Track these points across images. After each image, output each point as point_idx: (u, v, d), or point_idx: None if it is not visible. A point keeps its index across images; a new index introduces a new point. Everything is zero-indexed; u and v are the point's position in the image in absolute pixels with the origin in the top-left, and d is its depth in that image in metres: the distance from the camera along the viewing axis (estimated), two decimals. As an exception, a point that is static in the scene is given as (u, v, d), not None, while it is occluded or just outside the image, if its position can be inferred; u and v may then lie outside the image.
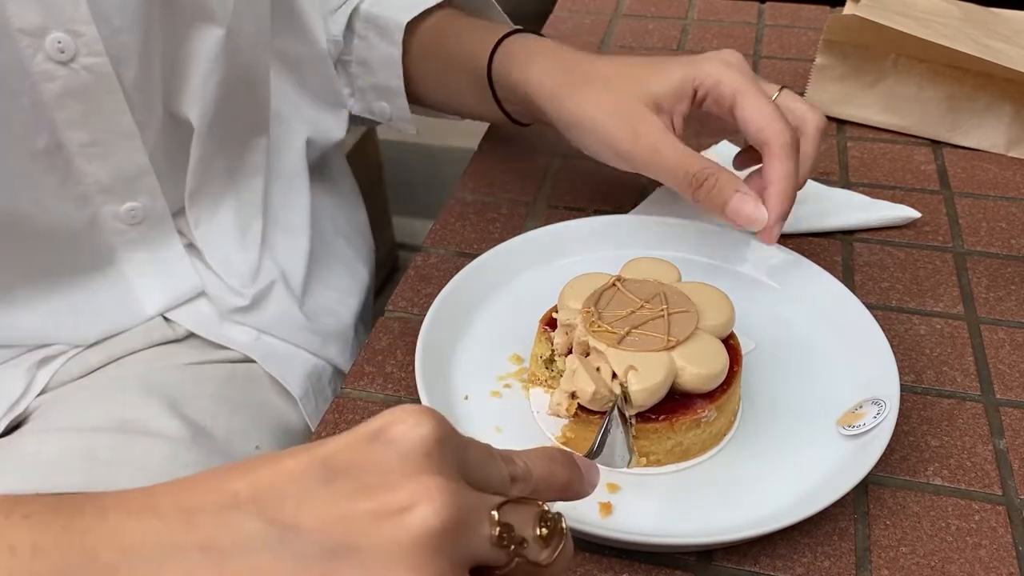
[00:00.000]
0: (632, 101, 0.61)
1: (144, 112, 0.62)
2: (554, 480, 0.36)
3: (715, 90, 0.60)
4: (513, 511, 0.32)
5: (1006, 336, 0.62)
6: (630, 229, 0.66)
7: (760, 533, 0.46)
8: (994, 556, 0.48)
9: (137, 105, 0.61)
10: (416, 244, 0.73)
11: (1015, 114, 0.78)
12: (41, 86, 0.56)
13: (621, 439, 0.49)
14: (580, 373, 0.49)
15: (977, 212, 0.73)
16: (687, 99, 0.61)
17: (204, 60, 0.63)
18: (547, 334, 0.55)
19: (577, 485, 0.37)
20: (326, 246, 0.82)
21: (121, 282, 0.68)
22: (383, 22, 0.76)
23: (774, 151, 0.57)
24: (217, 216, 0.71)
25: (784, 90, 0.62)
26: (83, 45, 0.56)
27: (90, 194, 0.63)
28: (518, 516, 0.32)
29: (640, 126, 0.61)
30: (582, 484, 0.37)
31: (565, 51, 0.68)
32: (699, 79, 0.60)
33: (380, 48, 0.77)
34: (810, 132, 0.61)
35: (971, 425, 0.55)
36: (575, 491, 0.37)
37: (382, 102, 0.81)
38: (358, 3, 0.77)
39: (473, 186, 0.77)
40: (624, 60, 0.65)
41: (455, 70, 0.75)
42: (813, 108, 0.62)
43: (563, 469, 0.36)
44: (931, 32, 0.75)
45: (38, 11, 0.54)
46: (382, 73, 0.78)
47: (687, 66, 0.61)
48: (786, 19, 1.02)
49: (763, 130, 0.58)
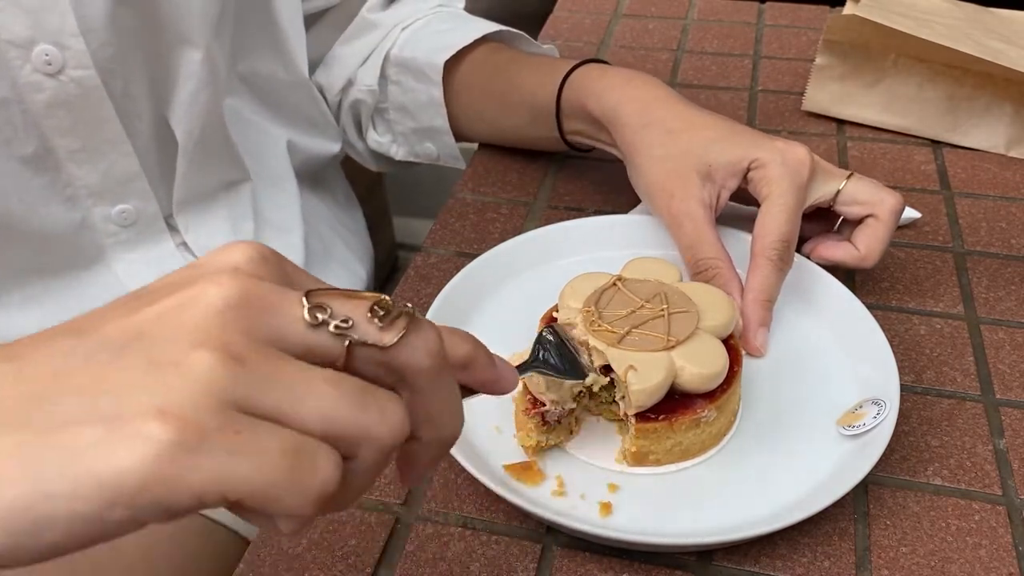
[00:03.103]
0: (684, 163, 0.60)
1: (134, 121, 0.63)
2: (455, 349, 0.33)
3: (757, 176, 0.59)
4: (333, 297, 0.30)
5: (1006, 336, 0.62)
6: (630, 229, 0.66)
7: (760, 533, 0.46)
8: (994, 556, 0.48)
9: (126, 114, 0.62)
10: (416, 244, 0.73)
11: (1015, 114, 0.78)
12: (30, 96, 0.57)
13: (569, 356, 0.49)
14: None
15: (977, 212, 0.73)
16: (739, 176, 0.60)
17: (188, 80, 0.63)
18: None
19: (482, 367, 0.34)
20: (324, 247, 0.83)
21: (113, 282, 0.68)
22: (417, 65, 0.76)
23: (758, 261, 0.57)
24: (207, 221, 0.72)
25: (853, 177, 0.61)
26: (71, 58, 0.57)
27: (80, 196, 0.63)
28: (340, 302, 0.30)
29: (679, 190, 0.60)
30: (490, 369, 0.35)
31: (645, 85, 0.66)
32: (755, 163, 0.59)
33: (418, 91, 0.77)
34: (883, 215, 0.60)
35: (971, 425, 0.55)
36: (480, 371, 0.34)
37: (427, 143, 0.81)
38: (388, 50, 0.77)
39: (473, 186, 0.77)
40: (695, 117, 0.63)
41: (512, 103, 0.75)
42: (890, 192, 0.60)
43: (463, 341, 0.34)
44: (931, 32, 0.75)
45: (26, 23, 0.55)
46: (423, 115, 0.78)
47: (749, 146, 0.60)
48: (786, 19, 1.02)
49: (760, 238, 0.58)
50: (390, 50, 0.77)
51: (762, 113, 0.86)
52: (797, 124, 0.84)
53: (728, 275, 0.58)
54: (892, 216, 0.60)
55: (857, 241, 0.61)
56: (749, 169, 0.60)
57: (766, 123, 0.85)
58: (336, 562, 0.49)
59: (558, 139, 0.73)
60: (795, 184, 0.58)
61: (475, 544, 0.49)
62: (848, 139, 0.83)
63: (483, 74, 0.76)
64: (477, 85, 0.76)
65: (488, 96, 0.76)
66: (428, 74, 0.75)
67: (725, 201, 0.61)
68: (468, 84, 0.76)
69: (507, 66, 0.75)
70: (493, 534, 0.50)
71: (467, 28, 0.77)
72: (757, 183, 0.59)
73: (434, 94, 0.76)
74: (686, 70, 0.94)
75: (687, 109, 0.63)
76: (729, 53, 0.96)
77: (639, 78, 0.66)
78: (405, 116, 0.80)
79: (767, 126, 0.84)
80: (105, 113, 0.60)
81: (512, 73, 0.75)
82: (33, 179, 0.60)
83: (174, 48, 0.62)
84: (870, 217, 0.60)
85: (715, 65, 0.94)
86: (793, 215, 0.58)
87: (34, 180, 0.60)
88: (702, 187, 0.60)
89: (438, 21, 0.79)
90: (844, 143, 0.82)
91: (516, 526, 0.50)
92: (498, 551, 0.49)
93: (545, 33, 1.01)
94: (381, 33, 0.78)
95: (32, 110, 0.58)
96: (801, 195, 0.59)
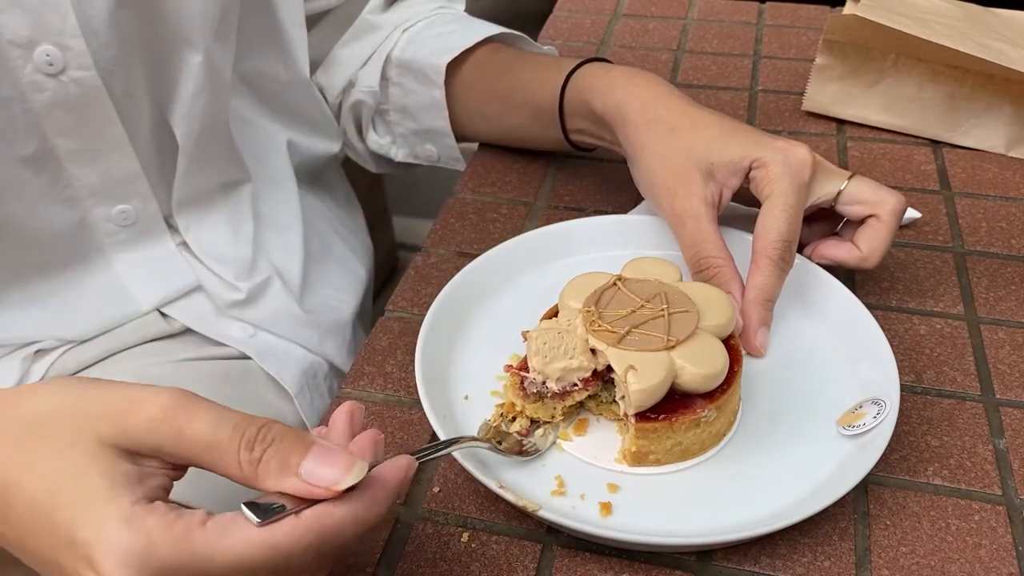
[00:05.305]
0: (686, 161, 0.60)
1: (134, 122, 0.63)
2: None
3: (759, 176, 0.59)
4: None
5: (1006, 336, 0.62)
6: (630, 229, 0.66)
7: (760, 533, 0.46)
8: (994, 556, 0.48)
9: (127, 115, 0.62)
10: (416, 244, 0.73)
11: (1015, 114, 0.78)
12: (31, 96, 0.57)
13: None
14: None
15: (977, 212, 0.73)
16: (741, 175, 0.60)
17: (189, 81, 0.64)
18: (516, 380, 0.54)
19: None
20: (323, 247, 0.83)
21: (113, 280, 0.68)
22: (419, 66, 0.76)
23: (759, 260, 0.57)
24: (207, 221, 0.72)
25: (855, 177, 0.61)
26: (72, 58, 0.57)
27: (80, 197, 0.63)
28: None
29: (681, 188, 0.60)
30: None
31: (649, 83, 0.66)
32: (756, 162, 0.59)
33: (420, 93, 0.77)
34: (885, 216, 0.60)
35: (971, 425, 0.55)
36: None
37: (428, 145, 0.81)
38: (389, 51, 0.77)
39: (473, 186, 0.77)
40: (698, 115, 0.63)
41: (514, 102, 0.75)
42: (892, 192, 0.60)
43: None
44: (931, 32, 0.75)
45: (27, 23, 0.55)
46: (424, 117, 0.78)
47: (751, 145, 0.60)
48: (786, 19, 1.02)
49: (761, 237, 0.58)
50: (391, 52, 0.77)
51: (762, 113, 0.86)
52: (797, 124, 0.84)
53: (730, 274, 0.58)
54: (894, 216, 0.60)
55: (859, 241, 0.61)
56: (751, 168, 0.60)
57: (766, 123, 0.85)
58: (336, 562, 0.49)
59: (560, 138, 0.73)
60: (796, 184, 0.58)
61: (475, 544, 0.49)
62: (848, 139, 0.83)
63: (485, 74, 0.76)
64: (479, 85, 0.76)
65: (490, 96, 0.76)
66: (430, 76, 0.75)
67: (728, 200, 0.61)
68: (470, 85, 0.76)
69: (509, 66, 0.75)
70: (493, 534, 0.50)
71: (469, 30, 0.77)
72: (759, 182, 0.59)
73: (436, 96, 0.76)
74: (686, 70, 0.94)
75: (690, 107, 0.63)
76: (729, 53, 0.96)
77: (643, 76, 0.66)
78: (406, 118, 0.80)
79: (767, 126, 0.84)
80: (106, 114, 0.60)
81: (514, 72, 0.75)
82: (33, 179, 0.60)
83: (174, 50, 0.62)
84: (872, 217, 0.60)
85: (715, 65, 0.94)
86: (794, 214, 0.58)
87: (34, 180, 0.60)
88: (704, 185, 0.60)
89: (439, 23, 0.79)
90: (844, 143, 0.82)
91: (516, 526, 0.50)
92: (498, 551, 0.49)
93: (545, 33, 1.01)
94: (382, 35, 0.78)
95: (33, 110, 0.58)
96: (802, 195, 0.59)
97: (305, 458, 0.36)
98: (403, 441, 0.56)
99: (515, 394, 0.52)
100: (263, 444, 0.36)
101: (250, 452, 0.36)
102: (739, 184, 0.61)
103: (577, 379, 0.51)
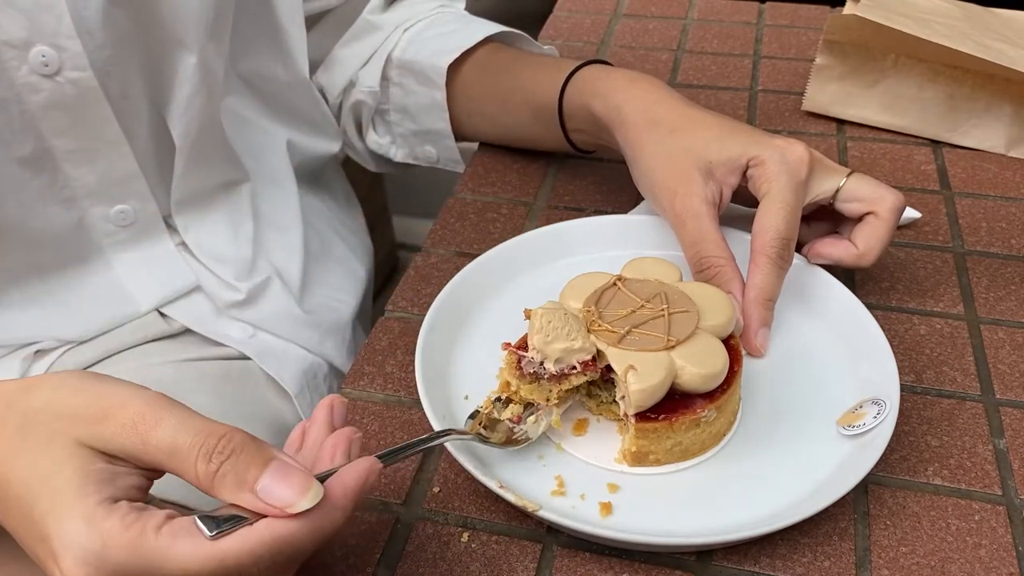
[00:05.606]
0: (686, 161, 0.60)
1: (131, 122, 0.63)
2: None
3: (756, 174, 0.59)
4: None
5: (1006, 336, 0.62)
6: (630, 229, 0.66)
7: (760, 533, 0.46)
8: (994, 556, 0.48)
9: (124, 116, 0.62)
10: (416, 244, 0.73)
11: (1015, 114, 0.78)
12: (27, 97, 0.57)
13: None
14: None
15: (977, 212, 0.73)
16: (739, 173, 0.60)
17: (184, 83, 0.64)
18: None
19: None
20: (323, 247, 0.83)
21: (112, 280, 0.68)
22: (420, 67, 0.76)
23: (758, 259, 0.57)
24: (207, 221, 0.72)
25: (854, 174, 0.61)
26: (68, 59, 0.57)
27: (78, 197, 0.63)
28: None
29: (681, 188, 0.60)
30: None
31: (649, 86, 0.66)
32: (753, 160, 0.59)
33: (420, 93, 0.77)
34: (883, 213, 0.60)
35: (971, 425, 0.55)
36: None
37: (427, 146, 0.81)
38: (390, 51, 0.77)
39: (473, 186, 0.77)
40: (697, 116, 0.63)
41: (514, 102, 0.75)
42: (891, 190, 0.60)
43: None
44: (931, 32, 0.75)
45: (22, 24, 0.55)
46: (424, 118, 0.78)
47: (749, 143, 0.60)
48: (786, 19, 1.02)
49: (759, 235, 0.58)
50: (392, 52, 0.77)
51: (762, 113, 0.86)
52: (797, 124, 0.84)
53: (731, 273, 0.58)
54: (892, 214, 0.60)
55: (856, 239, 0.61)
56: (748, 166, 0.60)
57: (766, 123, 0.85)
58: (336, 562, 0.49)
59: (561, 138, 0.73)
60: (794, 181, 0.58)
61: (475, 544, 0.49)
62: (848, 139, 0.83)
63: (485, 74, 0.76)
64: (479, 85, 0.76)
65: (490, 96, 0.76)
66: (431, 77, 0.75)
67: (728, 199, 0.61)
68: (470, 84, 0.76)
69: (509, 66, 0.75)
70: (493, 534, 0.50)
71: (469, 30, 0.77)
72: (756, 180, 0.59)
73: (436, 97, 0.76)
74: (686, 70, 0.94)
75: (689, 109, 0.63)
76: (729, 53, 0.96)
77: (642, 79, 0.66)
78: (406, 118, 0.80)
79: (767, 126, 0.84)
80: (103, 114, 0.60)
81: (515, 72, 0.75)
82: (31, 180, 0.60)
83: (169, 51, 0.62)
84: (870, 215, 0.60)
85: (715, 65, 0.94)
86: (792, 212, 0.58)
87: (32, 181, 0.60)
88: (704, 185, 0.60)
89: (440, 23, 0.79)
90: (844, 143, 0.82)
91: (516, 526, 0.50)
92: (498, 551, 0.49)
93: (545, 33, 1.01)
94: (383, 35, 0.78)
95: (29, 111, 0.58)
96: (800, 192, 0.59)
97: (263, 474, 0.37)
98: (403, 441, 0.55)
99: (511, 373, 0.51)
100: (221, 456, 0.37)
101: (207, 463, 0.36)
102: (738, 182, 0.61)
103: (576, 362, 0.51)
